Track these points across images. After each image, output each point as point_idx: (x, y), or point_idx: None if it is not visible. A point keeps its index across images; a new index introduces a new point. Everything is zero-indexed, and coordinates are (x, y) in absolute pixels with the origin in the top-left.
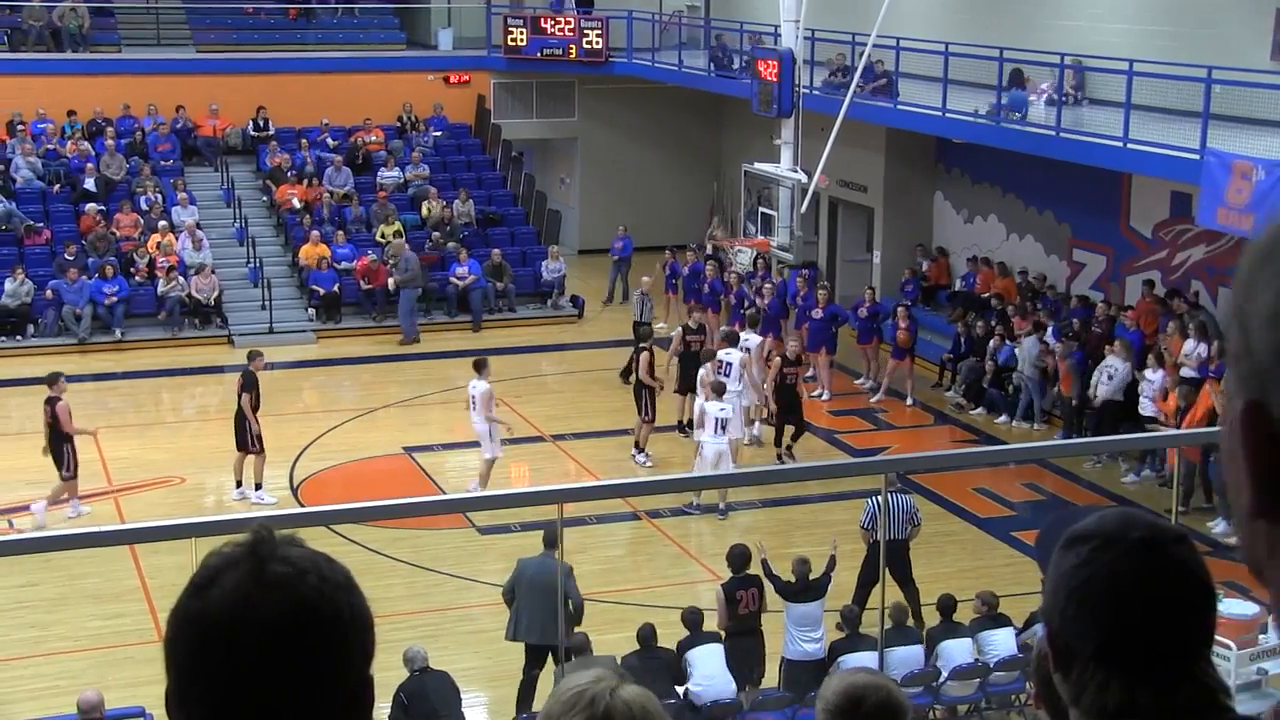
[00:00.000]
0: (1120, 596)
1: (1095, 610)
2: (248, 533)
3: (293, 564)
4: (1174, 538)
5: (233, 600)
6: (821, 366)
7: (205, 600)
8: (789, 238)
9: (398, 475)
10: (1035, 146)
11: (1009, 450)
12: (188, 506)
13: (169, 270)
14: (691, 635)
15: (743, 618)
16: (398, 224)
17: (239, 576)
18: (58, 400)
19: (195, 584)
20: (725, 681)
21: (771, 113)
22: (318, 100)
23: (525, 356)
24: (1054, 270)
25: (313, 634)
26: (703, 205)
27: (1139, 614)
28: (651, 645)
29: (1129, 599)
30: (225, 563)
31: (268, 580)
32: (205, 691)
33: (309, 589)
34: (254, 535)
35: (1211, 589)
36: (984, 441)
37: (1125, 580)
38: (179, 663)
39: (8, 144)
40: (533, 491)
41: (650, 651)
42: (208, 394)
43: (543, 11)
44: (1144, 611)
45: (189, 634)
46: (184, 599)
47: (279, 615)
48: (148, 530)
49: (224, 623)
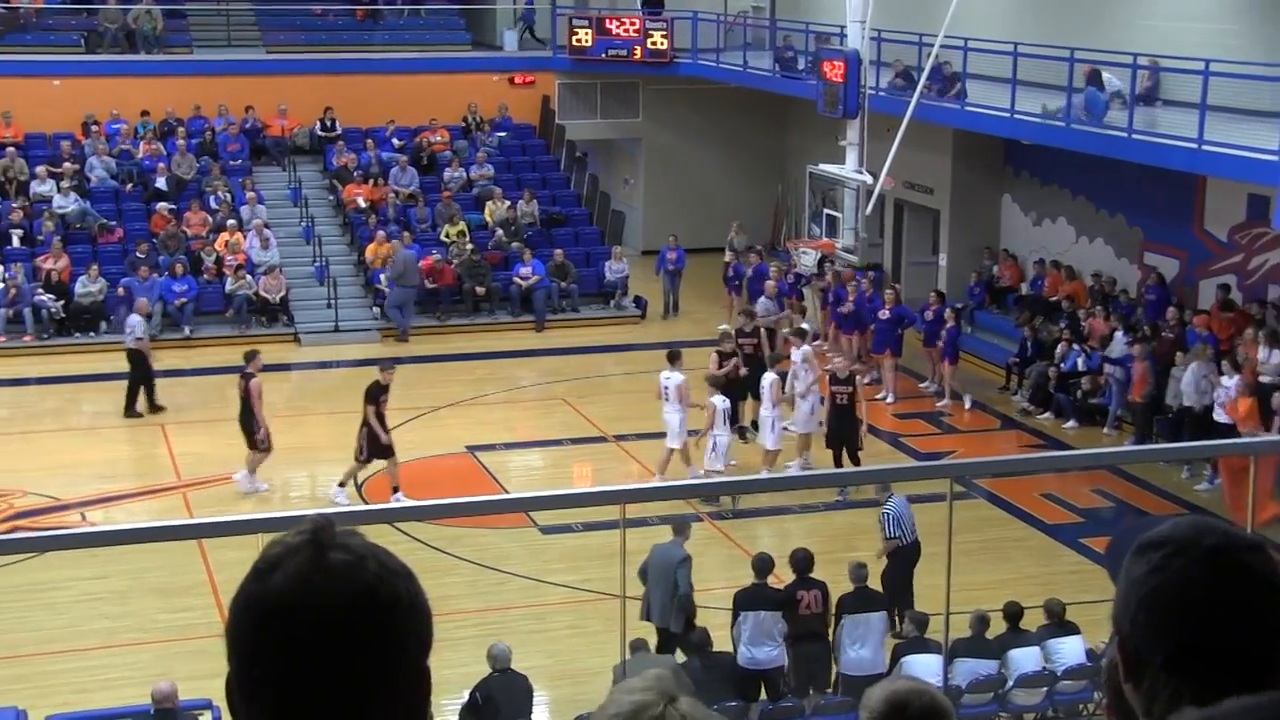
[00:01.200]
0: (1191, 604)
1: (1166, 618)
2: (308, 522)
3: (352, 551)
4: (1248, 545)
5: (294, 584)
6: (887, 369)
7: (267, 585)
8: (854, 240)
9: (461, 474)
10: (1107, 148)
11: (1074, 456)
12: (255, 502)
13: (236, 269)
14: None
15: (805, 619)
16: (462, 224)
17: (300, 562)
18: (251, 377)
19: (258, 570)
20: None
21: (837, 114)
22: (384, 101)
23: (588, 357)
24: (1125, 274)
25: (371, 619)
26: (767, 207)
27: (1211, 622)
28: (708, 650)
29: (1200, 607)
30: (287, 550)
31: (328, 566)
32: (266, 674)
33: (368, 575)
34: (315, 524)
35: None
36: (1050, 447)
37: (1197, 588)
38: (240, 648)
39: (83, 144)
40: (595, 492)
41: (708, 656)
42: (274, 391)
43: (608, 12)
44: (1216, 619)
45: (251, 618)
46: (246, 584)
47: (339, 599)
48: (215, 525)
49: (285, 606)
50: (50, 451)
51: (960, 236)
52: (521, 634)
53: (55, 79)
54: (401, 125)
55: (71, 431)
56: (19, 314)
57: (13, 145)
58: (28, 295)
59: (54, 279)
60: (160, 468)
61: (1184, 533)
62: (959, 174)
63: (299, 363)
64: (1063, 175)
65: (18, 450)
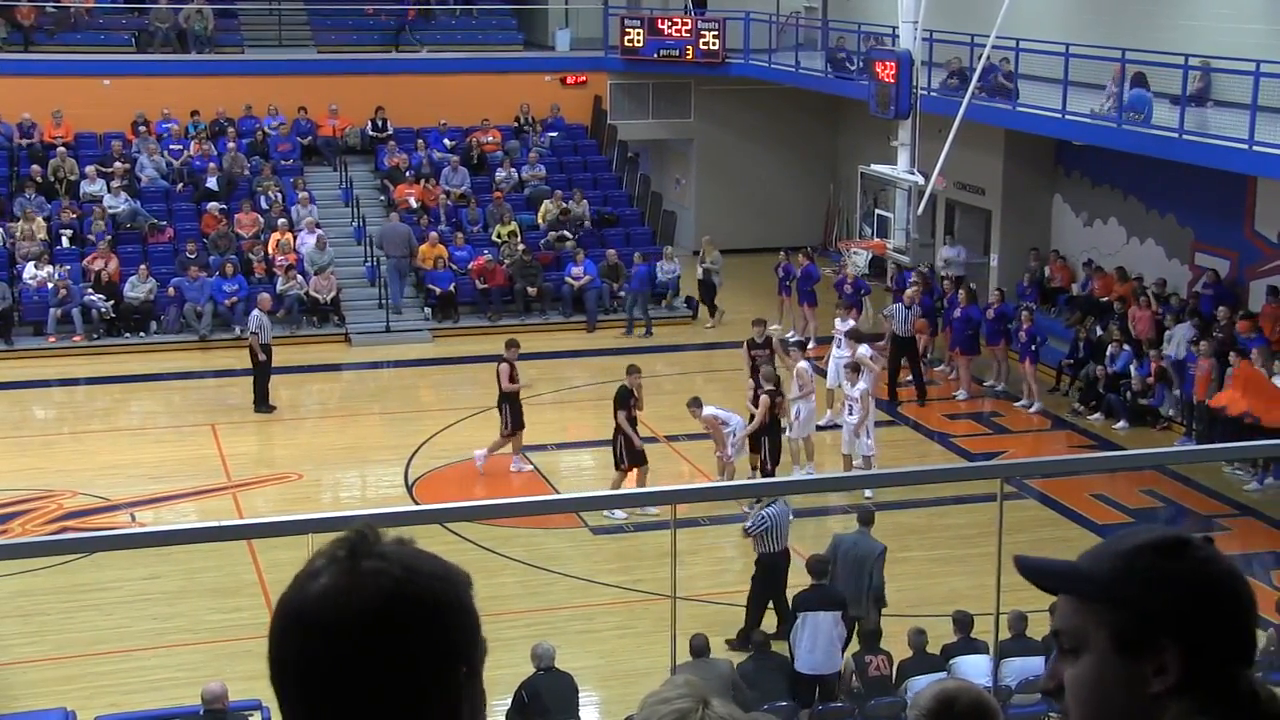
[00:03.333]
0: (1242, 597)
1: (1234, 611)
2: (351, 530)
3: (386, 559)
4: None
5: (326, 593)
6: (962, 366)
7: (304, 594)
8: (905, 240)
9: (511, 474)
10: (1158, 149)
11: (1124, 456)
12: (305, 502)
13: (288, 269)
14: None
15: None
16: (513, 224)
17: (334, 572)
18: (502, 361)
19: (298, 579)
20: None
21: (889, 114)
22: (436, 101)
23: (639, 357)
24: (1175, 275)
25: (385, 627)
26: (819, 207)
27: (1252, 612)
28: (766, 651)
29: (1246, 599)
30: (326, 560)
31: (359, 573)
32: (290, 680)
33: (388, 582)
34: (355, 532)
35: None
36: (1101, 447)
37: (1239, 582)
38: (276, 654)
39: (134, 144)
40: (646, 492)
41: (766, 657)
42: (325, 391)
43: (659, 12)
44: (1252, 610)
45: (284, 626)
46: (286, 594)
47: (366, 607)
48: (265, 525)
49: (306, 615)
50: (100, 452)
51: (1012, 236)
52: (571, 634)
53: (106, 78)
54: (453, 125)
55: (121, 432)
56: (68, 314)
57: (63, 145)
58: (77, 295)
59: (104, 279)
60: (210, 468)
61: (1185, 532)
62: (1010, 174)
63: (350, 363)
64: (1114, 175)
65: (67, 450)
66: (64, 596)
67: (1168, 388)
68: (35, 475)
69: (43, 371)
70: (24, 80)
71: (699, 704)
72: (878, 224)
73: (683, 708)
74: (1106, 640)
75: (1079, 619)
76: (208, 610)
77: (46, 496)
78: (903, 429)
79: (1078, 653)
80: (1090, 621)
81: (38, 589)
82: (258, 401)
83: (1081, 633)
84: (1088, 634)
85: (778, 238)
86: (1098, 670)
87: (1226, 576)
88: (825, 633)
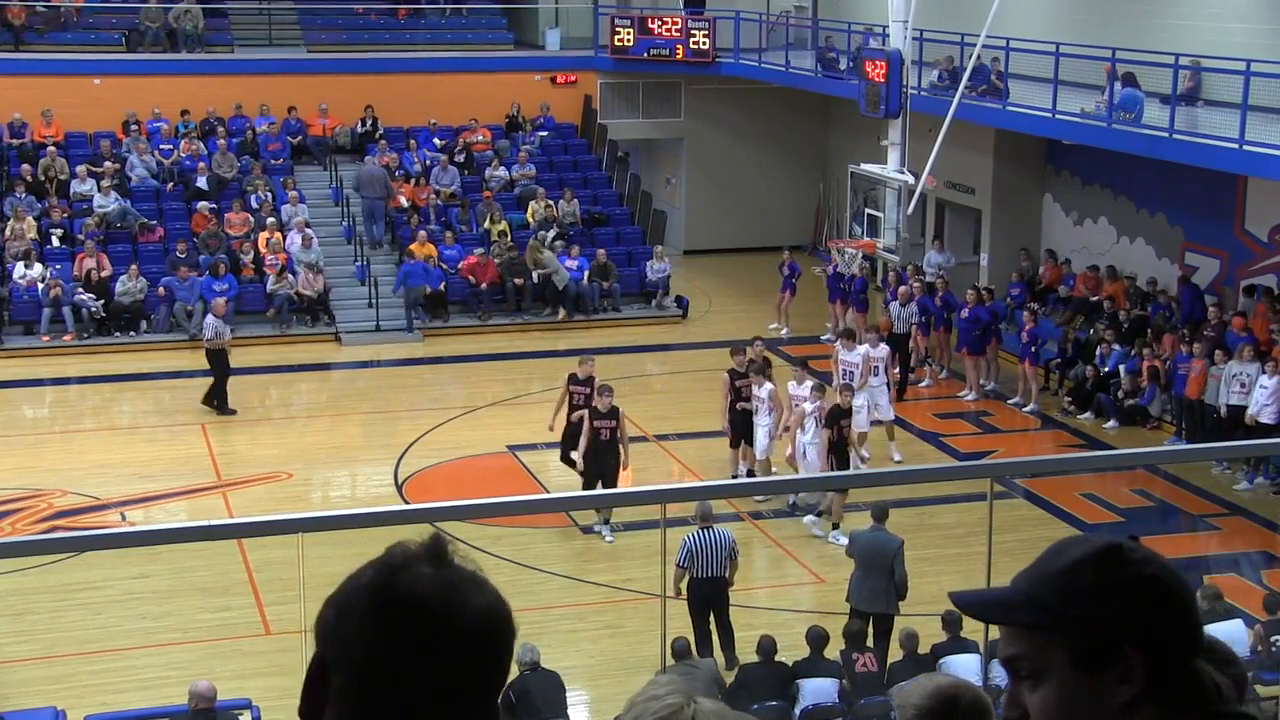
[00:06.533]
0: (1189, 595)
1: (1189, 611)
2: (428, 535)
3: (472, 572)
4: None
5: (430, 588)
6: (969, 368)
7: (398, 583)
8: (895, 239)
9: (501, 473)
10: (1148, 148)
11: (1113, 456)
12: (295, 502)
13: (280, 270)
14: (810, 659)
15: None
16: (504, 223)
17: (428, 570)
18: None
19: (386, 567)
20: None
21: (879, 113)
22: (426, 100)
23: (630, 356)
24: (1165, 274)
25: (497, 631)
26: (809, 206)
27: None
28: (771, 659)
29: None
30: (410, 556)
31: (457, 577)
32: (402, 671)
33: (493, 591)
34: (434, 536)
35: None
36: (1091, 447)
37: (1183, 582)
38: (370, 639)
39: (124, 143)
40: (635, 491)
41: (771, 667)
42: (315, 390)
43: (649, 12)
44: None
45: (392, 613)
46: (377, 579)
47: (473, 608)
48: (255, 525)
49: (422, 606)
50: (90, 451)
51: (1002, 236)
52: (561, 633)
53: (96, 78)
54: (443, 125)
55: (111, 431)
56: (59, 313)
57: (53, 144)
58: (68, 294)
59: (94, 278)
60: (201, 467)
61: (1112, 538)
62: (1000, 174)
63: (340, 362)
64: (1104, 175)
65: (57, 449)
66: (54, 596)
67: (1158, 387)
68: (25, 474)
69: (33, 371)
70: (14, 79)
71: (688, 701)
72: (868, 223)
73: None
74: (1066, 660)
75: (1030, 644)
76: (198, 609)
77: (36, 496)
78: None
79: (1036, 678)
80: (1045, 644)
81: (27, 588)
82: (218, 405)
83: (1038, 657)
84: (1044, 657)
85: (768, 237)
86: (1063, 691)
87: (1167, 574)
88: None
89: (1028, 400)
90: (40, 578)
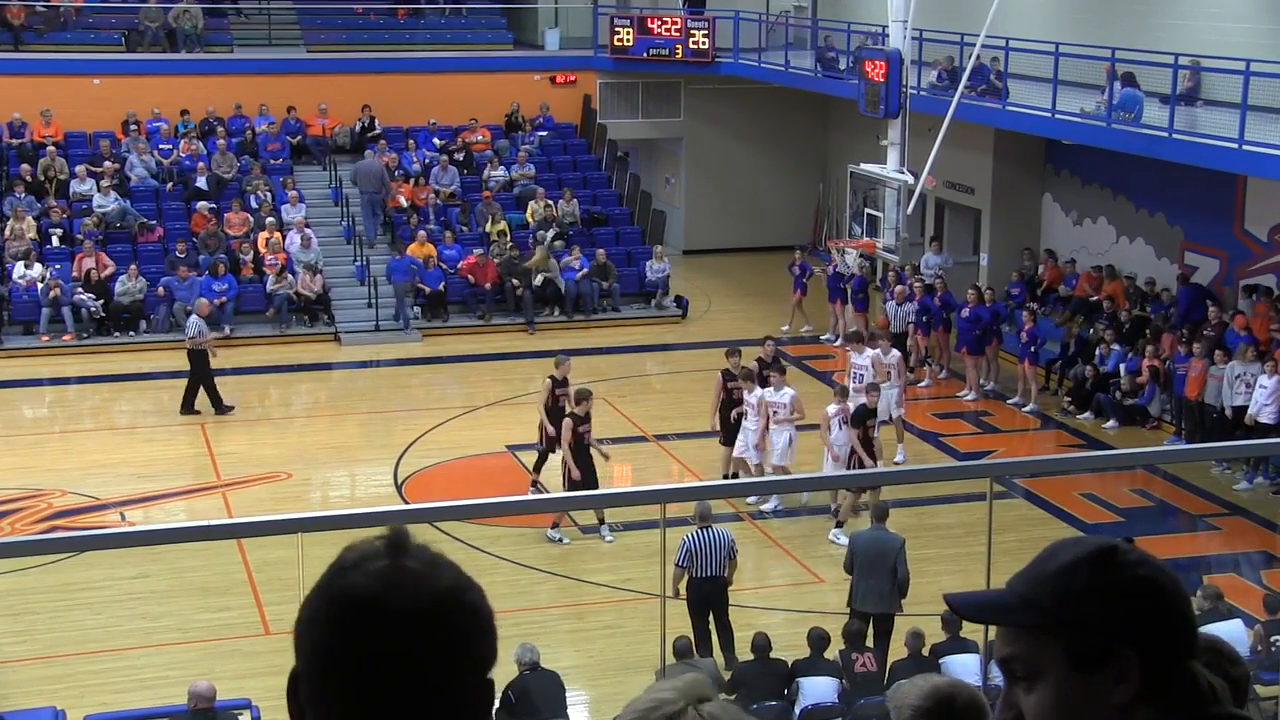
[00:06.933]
0: (1182, 594)
1: (1187, 613)
2: (387, 529)
3: (430, 559)
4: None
5: (376, 582)
6: (969, 368)
7: (346, 581)
8: (894, 239)
9: (501, 473)
10: (1147, 148)
11: (1112, 456)
12: (294, 502)
13: (280, 270)
14: (810, 659)
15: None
16: (503, 223)
17: (380, 564)
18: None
19: (338, 568)
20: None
21: (878, 113)
22: (425, 100)
23: (629, 356)
24: (1165, 274)
25: (450, 622)
26: (808, 206)
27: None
28: (767, 656)
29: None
30: (365, 553)
31: (409, 569)
32: (340, 670)
33: (448, 579)
34: (393, 530)
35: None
36: (1090, 447)
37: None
38: (316, 642)
39: (123, 143)
40: (634, 491)
41: (766, 664)
42: (315, 390)
43: (649, 11)
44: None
45: (331, 612)
46: (325, 581)
47: (421, 600)
48: (255, 525)
49: (366, 602)
50: (89, 451)
51: (1001, 236)
52: (560, 633)
53: (95, 77)
54: (442, 125)
55: (111, 431)
56: (59, 313)
57: (53, 144)
58: (68, 294)
59: (94, 278)
60: (200, 467)
61: (1106, 539)
62: (1000, 173)
63: (339, 362)
64: (1103, 175)
65: (57, 449)
66: (53, 596)
67: (1158, 387)
68: (25, 474)
69: (33, 371)
70: (13, 79)
71: (686, 700)
72: (867, 223)
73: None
74: (1062, 661)
75: (1026, 645)
76: (197, 609)
77: (36, 496)
78: (891, 427)
79: (1032, 679)
80: (1040, 645)
81: (27, 588)
82: (215, 403)
83: (1033, 658)
84: (1040, 659)
85: (767, 237)
86: (1060, 692)
87: (1162, 575)
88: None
89: (1027, 400)
90: (40, 578)
